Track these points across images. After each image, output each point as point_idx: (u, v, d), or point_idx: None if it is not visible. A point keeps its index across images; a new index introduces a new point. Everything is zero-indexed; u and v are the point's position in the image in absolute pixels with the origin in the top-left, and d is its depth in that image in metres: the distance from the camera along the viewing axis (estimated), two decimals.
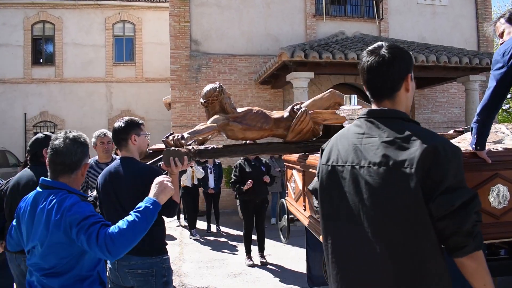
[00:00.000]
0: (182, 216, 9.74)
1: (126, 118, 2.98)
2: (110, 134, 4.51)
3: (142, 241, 2.64)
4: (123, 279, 2.76)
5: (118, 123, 2.87)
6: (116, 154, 5.21)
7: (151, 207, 2.03)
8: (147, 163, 2.93)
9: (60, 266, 1.92)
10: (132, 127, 2.86)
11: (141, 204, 2.05)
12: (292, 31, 12.28)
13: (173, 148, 2.76)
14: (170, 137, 2.86)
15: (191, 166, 8.25)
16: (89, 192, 4.33)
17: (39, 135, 3.27)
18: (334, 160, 1.57)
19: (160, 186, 2.17)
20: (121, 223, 1.92)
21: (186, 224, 9.45)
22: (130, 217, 1.96)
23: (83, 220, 1.88)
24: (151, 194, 2.12)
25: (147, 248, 2.69)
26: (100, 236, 1.84)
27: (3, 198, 3.17)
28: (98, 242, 1.83)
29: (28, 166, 3.23)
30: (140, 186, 2.63)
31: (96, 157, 4.75)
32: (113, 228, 1.89)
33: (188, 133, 2.98)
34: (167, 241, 2.93)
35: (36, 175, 3.06)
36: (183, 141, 2.83)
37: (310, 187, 1.80)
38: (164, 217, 2.87)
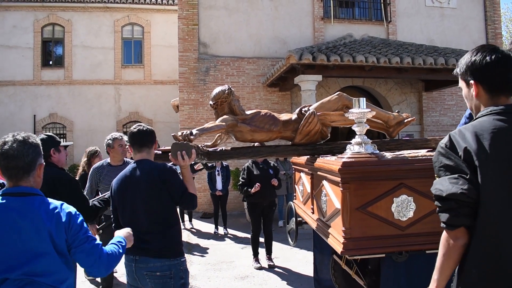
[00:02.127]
0: (187, 218, 9.72)
1: (146, 124, 3.05)
2: (126, 137, 4.57)
3: (160, 243, 2.70)
4: (141, 281, 2.79)
5: (146, 127, 2.93)
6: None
7: (124, 244, 2.22)
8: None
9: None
10: (155, 134, 2.97)
11: (120, 239, 2.22)
12: (300, 34, 12.28)
13: (181, 141, 2.80)
14: (179, 133, 2.91)
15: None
16: (99, 194, 4.35)
17: (42, 136, 3.26)
18: (496, 154, 1.51)
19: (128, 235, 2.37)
20: (110, 249, 2.07)
21: (192, 227, 9.47)
22: (115, 247, 2.12)
23: (87, 231, 1.97)
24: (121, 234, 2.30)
25: (165, 251, 2.74)
26: (103, 251, 1.98)
27: None
28: (101, 257, 1.96)
29: None
30: (157, 182, 2.73)
31: (108, 160, 4.73)
32: (107, 250, 2.05)
33: (197, 130, 3.02)
34: None
35: (44, 175, 3.09)
36: (192, 136, 2.88)
37: (457, 190, 1.53)
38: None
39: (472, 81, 1.71)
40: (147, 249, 2.72)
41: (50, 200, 1.94)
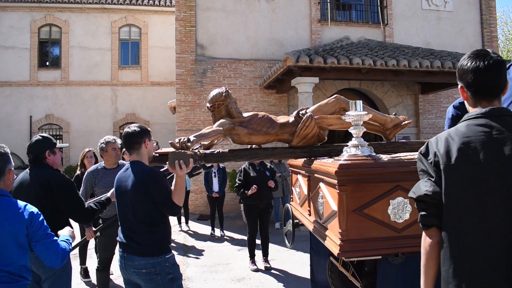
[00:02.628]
0: (183, 220, 9.70)
1: (136, 124, 3.09)
2: (119, 140, 4.58)
3: (143, 242, 2.79)
4: (131, 276, 2.89)
5: (132, 128, 2.98)
6: (123, 159, 5.27)
7: (70, 241, 2.58)
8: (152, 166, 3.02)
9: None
10: (145, 132, 3.00)
11: (67, 238, 2.55)
12: (297, 36, 12.31)
13: (179, 150, 2.81)
14: (177, 140, 2.92)
15: None
16: (95, 197, 4.36)
17: (38, 137, 3.27)
18: (462, 158, 1.58)
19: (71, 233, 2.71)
20: (64, 244, 2.41)
21: (188, 229, 9.46)
22: (66, 244, 2.45)
23: (47, 228, 2.33)
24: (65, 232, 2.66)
25: (148, 249, 2.80)
26: (59, 246, 2.34)
27: None
28: (57, 251, 2.32)
29: (29, 168, 3.25)
30: (140, 186, 2.80)
31: (103, 163, 4.74)
32: (62, 245, 2.39)
33: (194, 136, 3.02)
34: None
35: (38, 176, 3.10)
36: (189, 143, 2.89)
37: (422, 192, 1.65)
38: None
39: (459, 85, 1.77)
40: (133, 248, 2.82)
41: (17, 201, 2.30)
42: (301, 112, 3.45)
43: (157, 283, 2.79)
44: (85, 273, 5.90)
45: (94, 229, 4.57)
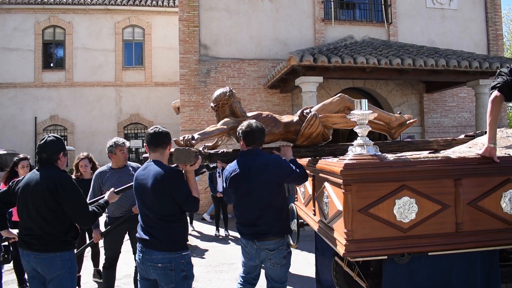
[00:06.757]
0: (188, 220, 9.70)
1: (161, 127, 3.14)
2: (127, 143, 4.69)
3: (162, 237, 2.87)
4: (147, 272, 2.93)
5: (161, 128, 3.05)
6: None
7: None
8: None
9: None
10: (170, 136, 3.07)
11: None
12: (301, 36, 12.28)
13: (183, 147, 2.81)
14: (181, 137, 2.94)
15: None
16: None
17: (52, 137, 3.20)
18: None
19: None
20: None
21: (193, 229, 9.45)
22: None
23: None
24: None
25: (166, 244, 2.86)
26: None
27: (13, 195, 3.21)
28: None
29: (37, 168, 3.20)
30: (160, 184, 2.84)
31: (110, 164, 4.76)
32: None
33: (198, 134, 3.03)
34: None
35: (46, 177, 3.06)
36: (193, 141, 2.90)
37: None
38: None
39: None
40: (151, 242, 2.88)
41: None
42: (305, 111, 3.44)
43: (170, 279, 2.85)
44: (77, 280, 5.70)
45: (101, 231, 4.59)
